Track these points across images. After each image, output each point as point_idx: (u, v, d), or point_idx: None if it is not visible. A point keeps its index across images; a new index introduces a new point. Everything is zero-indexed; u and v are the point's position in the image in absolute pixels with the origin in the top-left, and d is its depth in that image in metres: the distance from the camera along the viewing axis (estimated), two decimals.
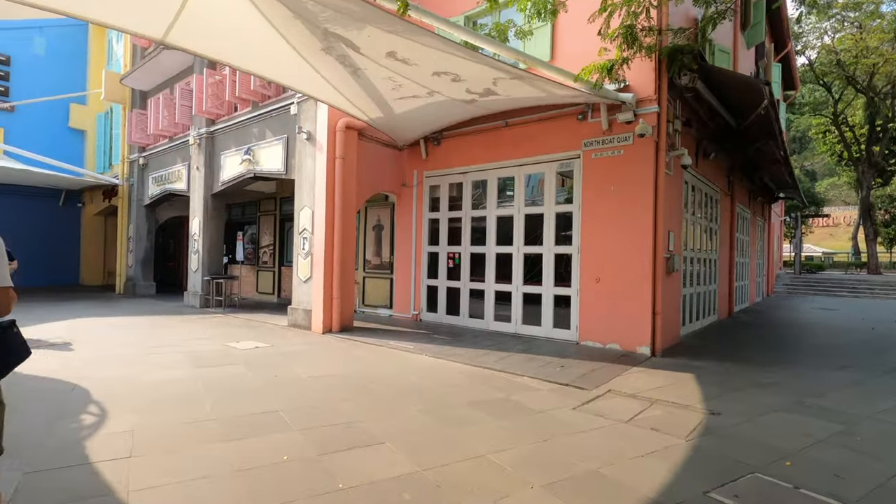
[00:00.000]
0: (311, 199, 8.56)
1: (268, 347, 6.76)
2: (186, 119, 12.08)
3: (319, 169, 8.35)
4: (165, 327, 8.41)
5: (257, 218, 13.67)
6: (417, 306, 9.51)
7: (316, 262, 8.33)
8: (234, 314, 10.26)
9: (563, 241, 7.59)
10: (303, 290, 8.66)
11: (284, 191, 12.73)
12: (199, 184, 11.54)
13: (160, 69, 12.82)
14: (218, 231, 11.77)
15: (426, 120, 8.06)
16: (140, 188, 14.55)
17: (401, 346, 6.97)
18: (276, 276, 13.00)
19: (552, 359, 6.33)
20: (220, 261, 11.82)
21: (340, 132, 8.24)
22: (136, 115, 14.10)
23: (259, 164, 9.97)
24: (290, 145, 9.27)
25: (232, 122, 10.76)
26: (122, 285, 14.95)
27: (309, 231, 8.54)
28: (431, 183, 9.43)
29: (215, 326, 8.61)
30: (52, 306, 11.10)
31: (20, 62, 16.51)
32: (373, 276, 10.40)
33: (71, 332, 7.64)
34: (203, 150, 11.43)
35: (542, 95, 6.61)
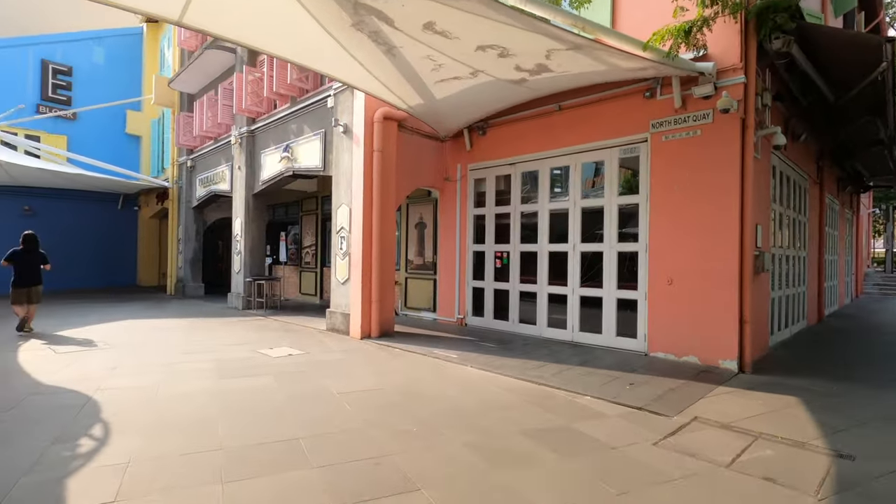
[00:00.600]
0: (348, 195, 8.05)
1: (301, 355, 6.28)
2: (228, 119, 11.98)
3: (357, 163, 7.82)
4: (203, 330, 8.16)
5: (299, 218, 13.44)
6: (462, 310, 8.82)
7: (354, 262, 7.82)
8: (275, 317, 9.97)
9: (628, 238, 6.65)
10: (341, 292, 8.17)
11: (325, 189, 12.39)
12: (241, 184, 11.38)
13: (204, 70, 12.82)
14: (259, 232, 11.58)
15: (470, 106, 7.34)
16: (188, 190, 14.72)
17: (444, 356, 6.30)
18: (317, 277, 12.71)
19: (618, 373, 5.45)
20: (262, 262, 11.63)
21: (378, 123, 7.68)
22: (183, 118, 14.25)
23: (297, 162, 9.61)
24: (328, 140, 8.82)
25: (271, 120, 10.48)
26: (172, 286, 15.20)
27: (346, 230, 8.04)
28: (476, 176, 8.70)
29: (252, 330, 8.28)
30: (106, 308, 11.27)
31: (81, 72, 17.20)
32: (415, 277, 9.80)
33: (112, 335, 7.50)
34: (244, 150, 11.26)
35: (603, 70, 5.73)
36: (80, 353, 6.13)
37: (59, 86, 16.69)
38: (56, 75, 16.66)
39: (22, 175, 13.77)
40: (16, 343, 6.83)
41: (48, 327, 8.30)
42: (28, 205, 15.96)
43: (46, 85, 16.44)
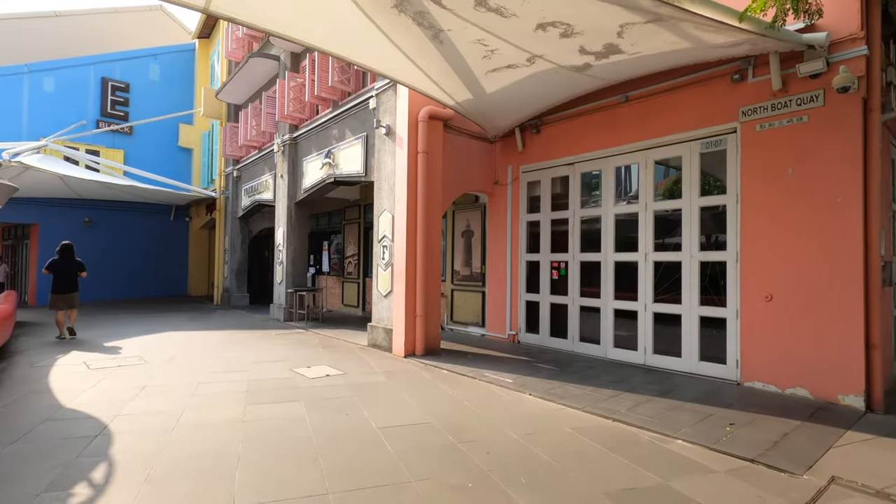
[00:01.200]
0: (390, 201, 7.50)
1: (339, 376, 5.70)
2: (272, 127, 11.82)
3: (400, 167, 7.26)
4: (240, 345, 7.79)
5: (342, 227, 13.10)
6: (515, 325, 8.03)
7: (397, 273, 7.22)
8: (316, 330, 9.54)
9: (713, 245, 5.69)
10: (383, 305, 7.60)
11: (367, 197, 11.97)
12: (283, 192, 11.13)
13: (249, 80, 12.78)
14: (302, 241, 11.27)
15: (523, 100, 6.62)
16: (234, 200, 14.75)
17: (497, 380, 5.55)
18: (360, 288, 12.27)
19: (710, 409, 4.51)
20: (304, 272, 11.30)
21: (423, 123, 7.10)
22: (229, 129, 14.32)
23: (339, 168, 9.19)
24: (369, 144, 8.34)
25: (313, 126, 10.17)
26: (218, 296, 15.25)
27: (389, 238, 7.48)
28: (530, 179, 7.94)
29: (291, 345, 7.83)
30: (153, 318, 11.25)
31: (137, 88, 17.80)
32: (462, 290, 9.11)
33: (150, 349, 7.25)
34: (287, 157, 11.02)
35: (685, 48, 4.87)
36: (112, 371, 5.82)
37: (117, 102, 17.31)
38: (115, 92, 17.30)
39: (82, 188, 14.22)
40: (54, 356, 6.66)
41: (95, 337, 8.20)
42: (88, 216, 16.55)
43: (106, 101, 17.09)
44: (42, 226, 15.86)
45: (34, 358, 6.54)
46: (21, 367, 5.97)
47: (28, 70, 15.75)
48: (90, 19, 19.80)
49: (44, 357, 6.60)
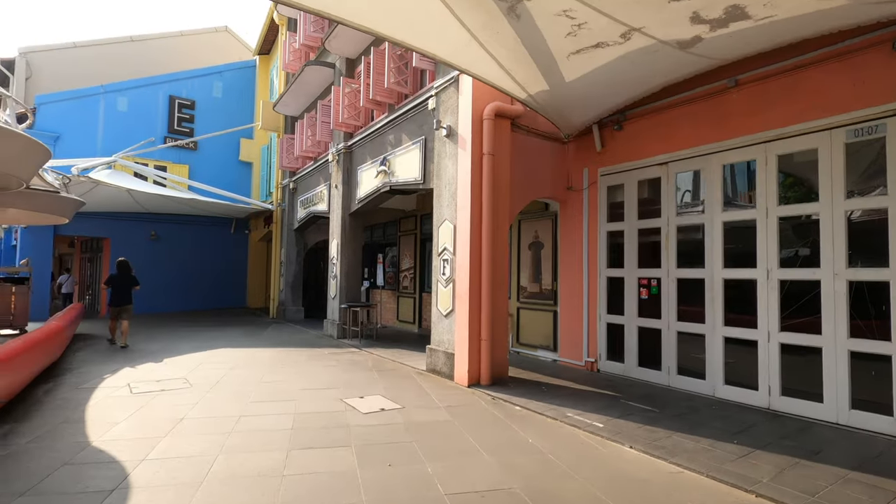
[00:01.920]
0: (451, 210, 6.73)
1: (396, 412, 4.93)
2: (327, 136, 11.48)
3: (462, 171, 6.48)
4: (291, 366, 7.24)
5: (397, 238, 12.52)
6: (593, 351, 6.98)
7: (459, 291, 6.41)
8: (370, 349, 8.89)
9: (867, 260, 4.46)
10: (443, 326, 6.80)
11: (424, 206, 11.32)
12: (338, 203, 10.69)
13: (305, 90, 12.58)
14: (356, 254, 10.76)
15: (608, 90, 5.66)
16: (290, 212, 14.61)
17: (584, 423, 4.57)
18: (416, 304, 11.58)
19: (891, 482, 3.32)
20: (358, 286, 10.76)
21: (488, 121, 6.30)
22: (286, 141, 14.22)
23: (395, 175, 8.57)
24: (428, 148, 7.64)
25: (368, 133, 9.65)
26: (274, 310, 15.10)
27: (450, 252, 6.70)
28: (610, 182, 6.92)
29: (343, 368, 7.19)
30: (208, 333, 11.09)
31: (202, 105, 18.31)
32: (530, 308, 8.15)
33: (197, 370, 6.84)
34: (341, 167, 10.58)
35: (840, 4, 3.77)
36: (153, 396, 5.37)
37: (183, 119, 17.85)
38: (181, 109, 17.86)
39: (147, 202, 14.56)
40: (103, 375, 6.36)
41: (148, 353, 7.97)
42: (154, 230, 17.05)
43: (173, 118, 17.65)
44: (113, 239, 16.45)
45: (82, 377, 6.26)
46: (66, 388, 5.66)
47: (104, 91, 16.53)
48: (162, 42, 20.75)
49: (92, 376, 6.32)
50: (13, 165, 5.45)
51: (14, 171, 5.54)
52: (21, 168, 5.65)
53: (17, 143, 5.16)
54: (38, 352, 5.57)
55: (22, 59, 18.25)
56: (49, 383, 5.86)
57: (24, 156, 5.49)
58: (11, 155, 5.17)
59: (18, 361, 4.75)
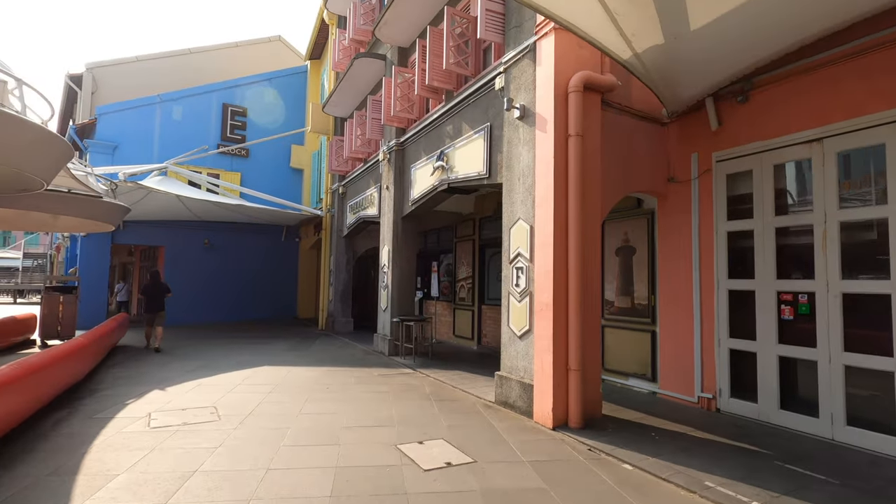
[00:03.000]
0: (527, 207, 5.49)
1: (466, 469, 3.72)
2: (377, 133, 10.57)
3: (542, 159, 5.25)
4: (335, 392, 6.21)
5: (453, 245, 11.39)
6: (710, 385, 5.48)
7: (538, 306, 5.15)
8: (425, 370, 7.76)
9: None
10: (517, 349, 5.54)
11: (483, 209, 10.14)
12: (389, 206, 9.71)
13: (355, 87, 11.78)
14: (409, 262, 9.71)
15: (744, 42, 4.25)
16: (339, 218, 13.87)
17: (737, 500, 3.17)
18: (475, 317, 10.37)
19: None
20: (411, 298, 9.70)
21: (575, 95, 5.05)
22: (335, 143, 13.53)
23: (454, 171, 7.45)
24: (494, 136, 6.47)
25: (422, 126, 8.62)
26: (323, 320, 14.36)
27: (525, 258, 5.45)
28: (731, 169, 5.45)
29: (396, 396, 6.08)
30: (251, 346, 10.39)
31: (254, 112, 18.11)
32: (619, 326, 6.73)
33: (231, 394, 5.95)
34: (393, 166, 9.61)
35: None
36: (172, 433, 4.45)
37: (235, 126, 17.69)
38: (234, 117, 17.71)
39: (198, 209, 14.29)
40: (125, 400, 5.58)
41: (184, 371, 7.23)
42: (207, 238, 16.87)
43: (226, 126, 17.52)
44: (167, 247, 16.39)
45: (103, 402, 5.50)
46: (79, 417, 4.87)
47: (160, 100, 16.60)
48: (218, 54, 20.94)
49: (114, 400, 5.54)
50: (25, 160, 4.77)
51: (27, 167, 4.86)
52: (35, 164, 4.98)
53: (25, 134, 4.46)
54: (45, 376, 4.82)
55: (89, 74, 18.80)
56: (64, 410, 5.11)
57: (37, 150, 4.81)
58: (19, 145, 4.48)
59: (11, 390, 3.94)
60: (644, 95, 5.93)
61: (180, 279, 16.38)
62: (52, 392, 5.05)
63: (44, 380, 4.81)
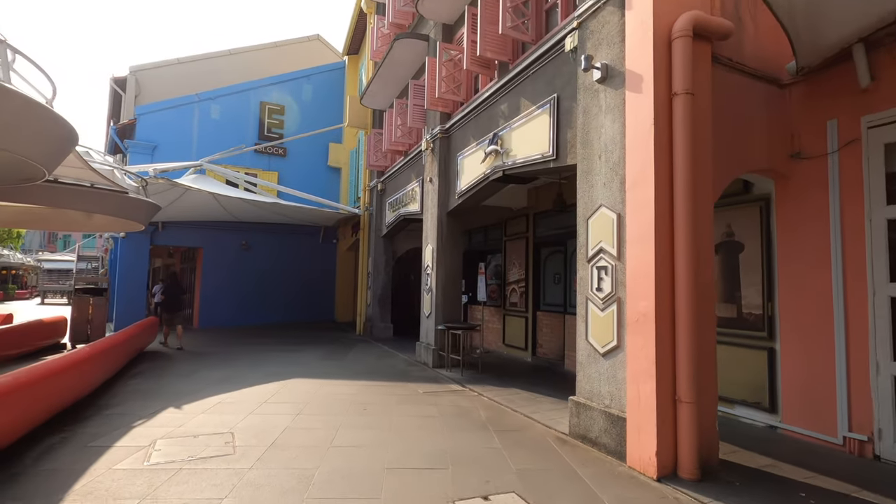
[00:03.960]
0: (611, 192, 4.35)
1: None
2: (419, 120, 9.62)
3: (635, 128, 4.09)
4: (374, 415, 5.22)
5: (503, 244, 10.28)
6: (864, 422, 4.14)
7: (633, 316, 3.98)
8: (476, 386, 6.69)
9: None
10: (600, 370, 4.39)
11: (540, 202, 8.98)
12: (433, 200, 8.73)
13: (394, 74, 10.88)
14: (455, 263, 8.69)
15: None
16: (378, 217, 13.02)
17: None
18: (528, 325, 9.22)
19: None
20: (458, 302, 8.66)
21: (682, 42, 3.88)
22: (373, 137, 12.71)
23: (509, 155, 6.37)
24: (563, 108, 5.35)
25: (471, 108, 7.59)
26: (361, 325, 13.53)
27: (610, 255, 4.30)
28: (891, 137, 4.12)
29: (445, 421, 5.04)
30: (285, 353, 9.62)
31: (291, 110, 17.64)
32: (719, 341, 5.43)
33: (252, 416, 5.08)
34: (437, 156, 8.63)
35: None
36: (172, 475, 3.57)
37: (273, 125, 17.26)
38: (271, 115, 17.29)
39: (234, 208, 13.80)
40: (130, 425, 4.79)
41: (206, 384, 6.45)
42: (245, 239, 16.45)
43: (263, 125, 17.11)
44: (205, 249, 16.05)
45: (108, 423, 4.72)
46: (71, 447, 4.08)
47: (198, 99, 16.33)
48: (257, 54, 20.67)
49: (121, 422, 4.77)
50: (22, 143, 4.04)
51: (25, 151, 4.13)
52: (34, 148, 4.25)
53: (24, 111, 3.72)
54: (37, 392, 4.07)
55: (132, 77, 18.83)
56: (59, 435, 4.34)
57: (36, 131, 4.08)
58: (15, 124, 3.73)
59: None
60: (758, 49, 4.70)
61: (218, 281, 16.03)
62: (45, 410, 4.30)
63: (35, 397, 4.06)
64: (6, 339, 7.59)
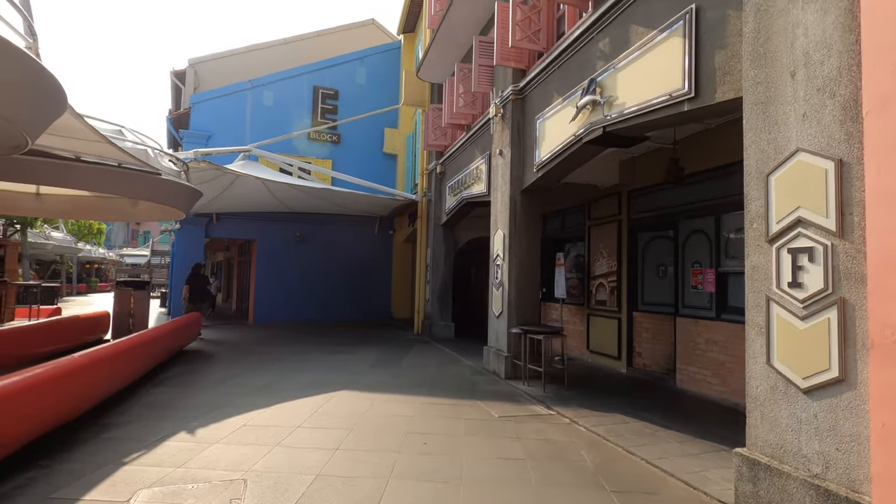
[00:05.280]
0: (819, 125, 2.65)
1: None
2: (486, 84, 8.11)
3: (874, 12, 2.38)
4: (436, 454, 3.84)
5: (586, 230, 8.59)
6: None
7: (876, 332, 2.29)
8: (564, 408, 5.15)
9: None
10: (801, 414, 2.72)
11: (638, 177, 7.24)
12: (504, 176, 7.23)
13: (454, 36, 9.44)
14: (531, 252, 7.15)
15: None
16: (437, 203, 11.69)
17: None
18: (622, 329, 7.50)
19: None
20: (535, 300, 7.14)
21: None
22: (431, 113, 11.36)
23: (614, 105, 4.75)
24: (706, 22, 3.68)
25: (554, 56, 6.01)
26: (419, 323, 12.29)
27: (821, 228, 2.62)
28: None
29: (535, 467, 3.55)
30: (334, 356, 8.52)
31: (345, 94, 16.73)
32: None
33: (281, 444, 3.85)
34: (509, 123, 7.12)
35: None
36: None
37: (326, 110, 16.43)
38: (325, 100, 16.47)
39: (288, 198, 13.02)
40: (122, 459, 3.69)
41: (234, 397, 5.36)
42: (299, 232, 15.75)
43: (316, 110, 16.32)
44: (259, 241, 15.51)
45: (92, 459, 3.65)
46: (27, 498, 2.99)
47: (251, 86, 15.77)
48: (311, 42, 20.01)
49: (107, 458, 3.68)
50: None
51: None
52: (14, 109, 3.21)
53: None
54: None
55: (191, 69, 18.69)
56: (25, 475, 3.29)
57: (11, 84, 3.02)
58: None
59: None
60: None
61: (273, 275, 15.42)
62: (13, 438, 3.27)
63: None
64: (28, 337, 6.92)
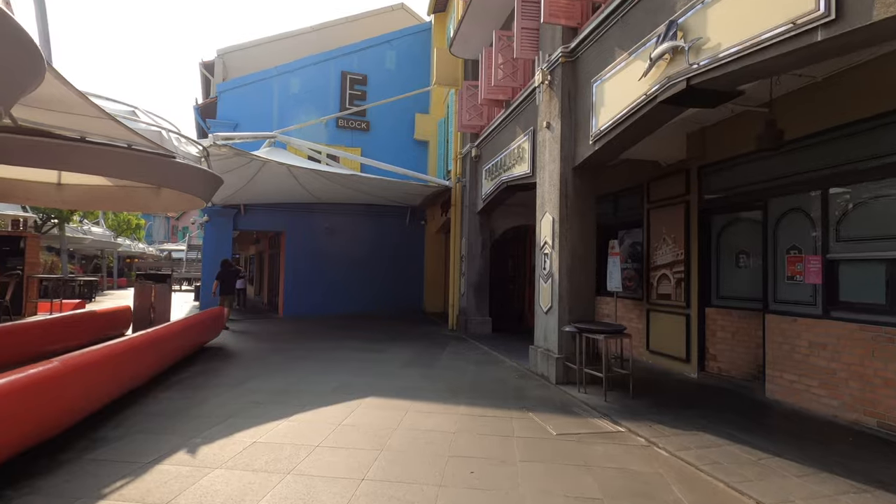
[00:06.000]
0: None
1: None
2: (530, 49, 7.18)
3: None
4: (485, 490, 3.02)
5: (643, 214, 7.57)
6: None
7: None
8: (634, 423, 4.24)
9: None
10: None
11: (711, 150, 6.17)
12: (553, 152, 6.30)
13: (488, 5, 8.52)
14: (585, 238, 6.22)
15: None
16: (472, 189, 10.82)
17: None
18: (690, 327, 6.48)
19: None
20: (590, 295, 6.20)
21: None
22: (465, 91, 10.46)
23: (705, 49, 3.78)
24: None
25: (615, 5, 5.04)
26: (454, 318, 11.49)
27: None
28: None
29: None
30: (364, 354, 7.83)
31: (374, 79, 16.03)
32: None
33: (294, 470, 3.12)
34: (557, 90, 6.18)
35: None
36: None
37: (355, 96, 15.77)
38: (353, 86, 15.82)
39: (315, 187, 12.44)
40: (102, 490, 3.04)
41: (246, 404, 4.69)
42: (328, 223, 15.19)
43: (344, 96, 15.67)
44: (288, 233, 15.05)
45: (67, 486, 3.01)
46: None
47: (277, 73, 15.26)
48: (340, 29, 19.41)
49: (83, 485, 3.04)
50: None
51: None
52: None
53: None
54: None
55: (220, 60, 18.40)
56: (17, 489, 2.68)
57: None
58: None
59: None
60: None
61: (302, 267, 14.94)
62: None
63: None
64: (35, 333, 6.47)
